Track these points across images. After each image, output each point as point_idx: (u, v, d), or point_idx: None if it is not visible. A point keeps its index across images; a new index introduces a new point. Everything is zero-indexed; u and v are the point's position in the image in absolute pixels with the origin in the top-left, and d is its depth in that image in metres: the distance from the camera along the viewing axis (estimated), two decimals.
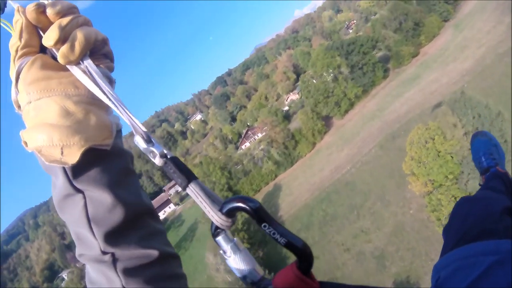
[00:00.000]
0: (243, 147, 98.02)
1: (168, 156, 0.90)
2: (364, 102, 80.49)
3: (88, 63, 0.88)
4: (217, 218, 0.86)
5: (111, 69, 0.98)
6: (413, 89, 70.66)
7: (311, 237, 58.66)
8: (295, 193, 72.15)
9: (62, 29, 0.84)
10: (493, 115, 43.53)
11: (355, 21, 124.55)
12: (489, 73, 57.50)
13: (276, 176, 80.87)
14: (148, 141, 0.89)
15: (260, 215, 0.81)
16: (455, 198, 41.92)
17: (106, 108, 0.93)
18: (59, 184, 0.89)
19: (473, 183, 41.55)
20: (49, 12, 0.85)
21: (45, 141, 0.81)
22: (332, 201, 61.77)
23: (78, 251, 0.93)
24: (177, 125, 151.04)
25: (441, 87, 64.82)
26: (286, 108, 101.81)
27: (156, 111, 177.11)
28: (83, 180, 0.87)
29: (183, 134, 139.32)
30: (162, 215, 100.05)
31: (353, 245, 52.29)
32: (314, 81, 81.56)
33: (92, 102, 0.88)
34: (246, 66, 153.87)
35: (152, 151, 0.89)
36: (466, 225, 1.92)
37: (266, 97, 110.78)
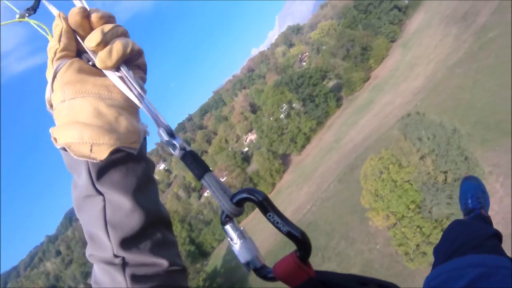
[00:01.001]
0: (205, 194, 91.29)
1: (187, 149, 0.91)
2: (320, 135, 75.45)
3: (124, 69, 0.89)
4: (227, 207, 0.87)
5: (144, 80, 0.98)
6: (368, 115, 65.90)
7: (279, 286, 52.93)
8: (259, 239, 65.77)
9: (104, 34, 0.86)
10: (449, 132, 38.58)
11: (307, 54, 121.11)
12: (442, 87, 52.96)
13: (238, 222, 74.25)
14: (171, 134, 0.90)
15: (265, 205, 0.83)
16: (421, 228, 37.27)
17: (136, 114, 0.94)
18: (81, 183, 0.88)
19: (437, 210, 36.33)
20: (94, 16, 0.87)
21: (76, 138, 0.81)
22: (314, 230, 56.44)
23: (89, 250, 0.91)
24: None
25: (395, 109, 60.17)
26: (246, 149, 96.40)
27: None
28: (105, 183, 0.86)
29: None
30: None
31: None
32: (266, 119, 76.53)
33: (124, 106, 0.89)
34: (204, 110, 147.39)
35: (173, 144, 0.90)
36: (457, 243, 1.93)
37: (226, 140, 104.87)
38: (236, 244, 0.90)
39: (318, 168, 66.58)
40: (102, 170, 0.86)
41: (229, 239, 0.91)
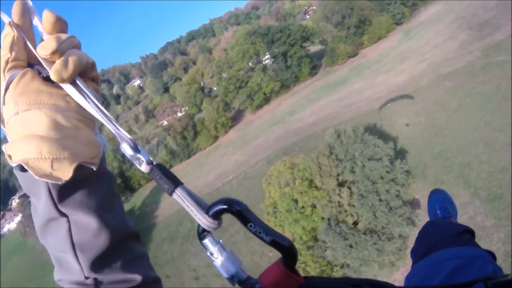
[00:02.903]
0: (160, 123, 79.87)
1: (154, 163, 0.81)
2: (281, 99, 62.73)
3: (79, 80, 0.77)
4: (204, 221, 0.78)
5: (98, 91, 0.87)
6: (332, 96, 53.14)
7: (170, 252, 45.40)
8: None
9: (60, 43, 0.74)
10: (386, 165, 26.82)
11: (314, 8, 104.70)
12: (421, 96, 40.01)
13: (171, 166, 63.88)
14: (135, 149, 0.80)
15: (245, 216, 0.76)
16: (306, 264, 27.22)
17: (93, 127, 0.82)
18: (41, 207, 0.76)
19: (332, 253, 25.70)
20: (47, 16, 0.75)
21: (33, 153, 0.67)
22: None
23: (57, 275, 0.81)
24: (116, 88, 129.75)
25: (360, 101, 47.42)
26: (215, 88, 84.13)
27: (102, 69, 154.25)
28: (68, 204, 0.76)
29: (118, 98, 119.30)
30: None
31: (203, 275, 38.81)
32: (226, 67, 63.43)
33: (81, 119, 0.77)
34: (192, 36, 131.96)
35: (139, 158, 0.79)
36: (432, 241, 1.87)
37: (202, 74, 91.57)
38: (217, 259, 0.82)
39: (259, 138, 54.99)
40: (63, 190, 0.75)
41: (208, 254, 0.84)
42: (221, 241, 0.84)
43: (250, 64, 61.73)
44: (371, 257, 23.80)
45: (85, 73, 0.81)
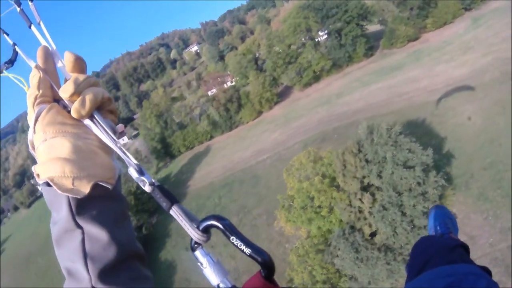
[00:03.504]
0: (209, 93, 78.02)
1: (156, 184, 0.92)
2: (332, 79, 58.32)
3: (97, 116, 0.89)
4: (195, 234, 0.89)
5: (115, 122, 0.98)
6: (384, 82, 48.08)
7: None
8: (214, 164, 54.55)
9: (78, 85, 0.86)
10: (428, 164, 22.90)
11: None
12: (482, 94, 34.61)
13: (212, 137, 62.33)
14: (140, 172, 0.91)
15: (230, 230, 0.87)
16: (312, 268, 23.97)
17: (111, 153, 0.93)
18: (61, 218, 0.85)
19: (340, 262, 22.58)
20: (67, 57, 0.90)
21: (58, 172, 0.80)
22: (232, 191, 46.18)
23: (66, 285, 0.86)
24: (174, 53, 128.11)
25: (414, 91, 42.28)
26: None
27: (162, 33, 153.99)
28: (84, 217, 0.84)
29: (174, 63, 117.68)
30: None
31: (218, 253, 35.97)
32: (277, 41, 59.42)
33: (100, 146, 0.89)
34: (252, 6, 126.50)
35: (143, 180, 0.91)
36: (425, 257, 1.86)
37: (258, 44, 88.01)
38: (206, 268, 0.90)
39: (302, 118, 51.50)
40: (82, 205, 0.84)
41: (199, 263, 0.92)
42: (210, 253, 0.92)
43: (302, 39, 57.39)
44: (380, 277, 20.45)
45: (103, 107, 0.93)
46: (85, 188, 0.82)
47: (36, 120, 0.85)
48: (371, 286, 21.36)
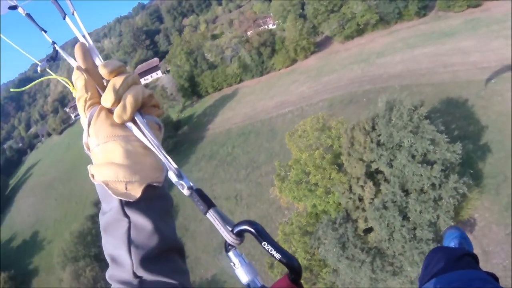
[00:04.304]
0: (248, 34, 72.14)
1: (194, 188, 0.94)
2: (376, 35, 51.24)
3: (139, 118, 0.89)
4: (229, 237, 0.91)
5: (159, 115, 1.00)
6: (432, 48, 41.16)
7: (204, 170, 43.06)
8: (236, 110, 51.12)
9: (116, 92, 0.86)
10: (454, 163, 18.16)
11: None
12: None
13: (241, 80, 58.02)
14: (179, 176, 0.92)
15: (262, 236, 0.89)
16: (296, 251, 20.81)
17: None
18: (111, 209, 0.88)
19: (324, 253, 19.29)
20: (103, 72, 0.87)
21: (112, 177, 0.84)
22: (247, 142, 43.28)
23: (109, 271, 0.89)
24: None
25: (461, 64, 35.42)
26: None
27: None
28: (132, 208, 0.87)
29: None
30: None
31: (219, 205, 33.54)
32: None
33: (148, 147, 0.90)
34: None
35: (182, 184, 0.92)
36: (434, 267, 1.85)
37: None
38: (238, 268, 0.93)
39: (334, 73, 46.02)
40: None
41: (232, 263, 0.94)
42: (242, 254, 0.94)
43: None
44: (362, 282, 16.79)
45: (145, 104, 0.94)
46: (137, 192, 0.85)
47: (88, 125, 0.88)
48: (351, 286, 17.89)
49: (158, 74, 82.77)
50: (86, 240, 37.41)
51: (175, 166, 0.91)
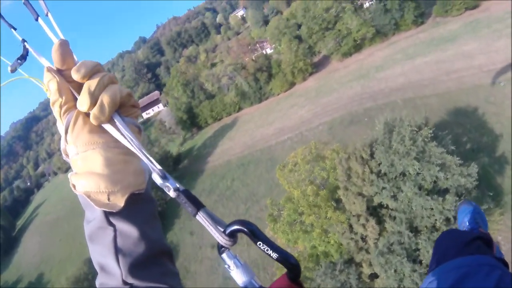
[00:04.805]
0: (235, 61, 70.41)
1: (180, 189, 0.88)
2: (375, 49, 48.87)
3: (117, 119, 0.84)
4: (221, 239, 0.86)
5: (137, 116, 0.94)
6: (433, 55, 38.81)
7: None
8: (235, 140, 48.69)
9: (92, 94, 0.80)
10: (469, 188, 15.17)
11: None
12: None
13: (240, 108, 55.82)
14: (164, 177, 0.87)
15: (256, 235, 0.84)
16: None
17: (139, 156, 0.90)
18: (95, 217, 0.85)
19: None
20: (76, 77, 0.81)
21: (93, 188, 0.81)
22: (246, 173, 41.14)
23: (99, 279, 0.86)
24: (219, 17, 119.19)
25: (466, 69, 33.10)
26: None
27: None
28: (117, 216, 0.84)
29: (219, 28, 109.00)
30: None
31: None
32: (312, 4, 50.31)
33: (129, 152, 0.86)
34: None
35: (167, 186, 0.86)
36: (444, 251, 1.80)
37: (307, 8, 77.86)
38: (233, 271, 0.88)
39: (334, 93, 43.44)
40: None
41: (226, 266, 0.89)
42: (237, 255, 0.89)
43: (341, 3, 48.05)
44: None
45: (124, 104, 0.87)
46: (120, 202, 0.82)
47: (66, 132, 0.83)
48: None
49: (159, 107, 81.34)
50: (82, 286, 35.02)
51: (159, 167, 0.86)
